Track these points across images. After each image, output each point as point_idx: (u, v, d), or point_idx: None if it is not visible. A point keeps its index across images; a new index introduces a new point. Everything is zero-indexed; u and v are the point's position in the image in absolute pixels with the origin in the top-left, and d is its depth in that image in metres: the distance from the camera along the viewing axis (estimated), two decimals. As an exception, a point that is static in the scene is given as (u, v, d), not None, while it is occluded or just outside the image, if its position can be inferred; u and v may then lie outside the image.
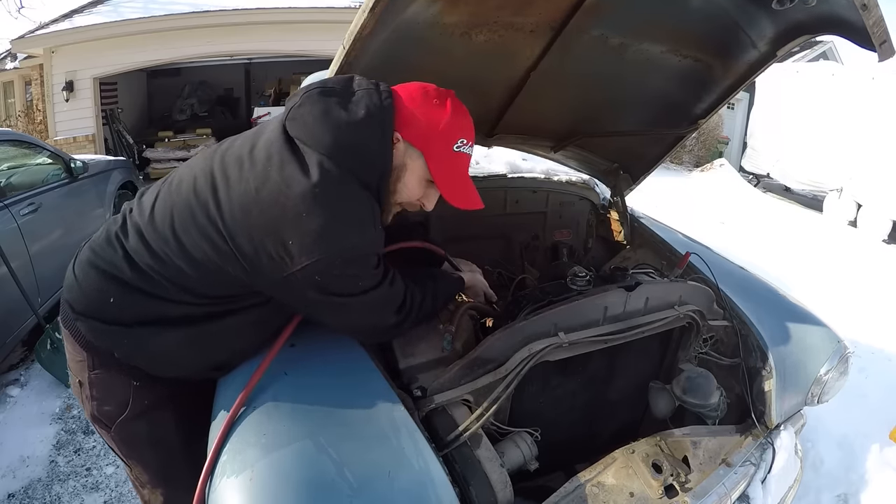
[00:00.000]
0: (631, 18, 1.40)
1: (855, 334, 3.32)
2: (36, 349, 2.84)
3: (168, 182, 1.07)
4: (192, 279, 1.00)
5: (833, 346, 1.52)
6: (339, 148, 0.94)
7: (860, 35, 1.12)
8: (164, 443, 1.16)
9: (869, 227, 6.92)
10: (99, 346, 1.05)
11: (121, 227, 1.06)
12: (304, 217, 0.90)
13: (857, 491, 2.11)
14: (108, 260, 1.02)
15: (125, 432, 1.13)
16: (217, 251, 0.96)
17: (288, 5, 7.74)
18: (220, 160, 1.01)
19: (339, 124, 0.95)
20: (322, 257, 0.91)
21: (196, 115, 10.04)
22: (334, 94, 0.99)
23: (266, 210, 0.91)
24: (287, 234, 0.91)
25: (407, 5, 1.09)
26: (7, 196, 2.88)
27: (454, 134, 1.05)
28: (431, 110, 1.04)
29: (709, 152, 11.13)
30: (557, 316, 1.23)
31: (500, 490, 1.05)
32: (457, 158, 1.08)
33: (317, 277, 0.94)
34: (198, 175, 1.01)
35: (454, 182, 1.09)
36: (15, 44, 7.20)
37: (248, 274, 0.97)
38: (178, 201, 1.00)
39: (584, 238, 2.32)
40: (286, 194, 0.90)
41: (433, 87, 1.07)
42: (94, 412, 1.12)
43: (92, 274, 1.03)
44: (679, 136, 1.85)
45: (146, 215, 1.02)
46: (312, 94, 0.99)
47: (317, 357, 1.14)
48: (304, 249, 0.91)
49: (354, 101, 0.99)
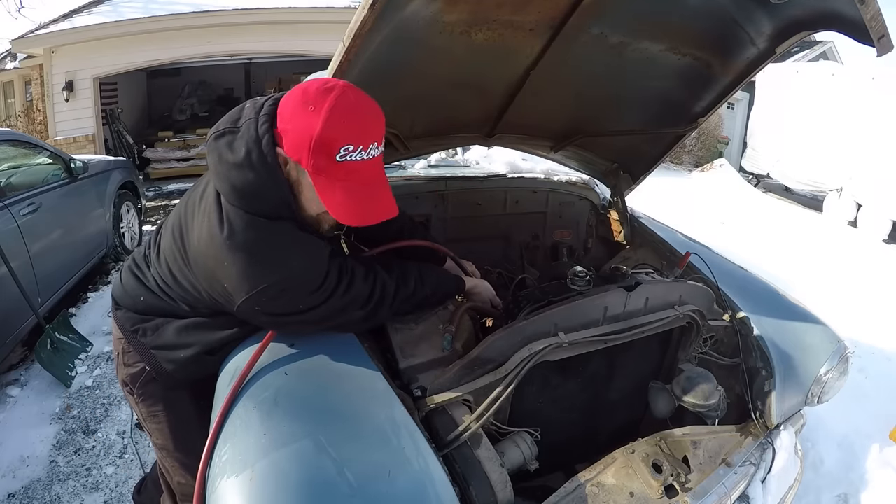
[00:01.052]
0: (630, 17, 1.39)
1: (855, 334, 3.32)
2: (36, 349, 2.85)
3: (165, 223, 1.21)
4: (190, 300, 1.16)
5: (833, 346, 1.52)
6: (236, 192, 0.99)
7: (858, 30, 1.12)
8: (178, 404, 1.29)
9: (869, 227, 6.92)
10: (126, 326, 1.25)
11: (146, 254, 1.25)
12: (225, 264, 0.99)
13: (857, 491, 2.10)
14: (142, 274, 1.24)
15: (145, 391, 1.28)
16: (195, 289, 1.11)
17: (288, 5, 7.74)
18: (183, 207, 1.14)
19: (229, 168, 0.99)
20: (252, 294, 1.00)
21: (196, 115, 10.04)
22: (224, 135, 1.01)
23: (205, 260, 1.03)
24: (222, 279, 1.02)
25: (407, 3, 1.09)
26: (7, 196, 2.88)
27: (334, 142, 0.93)
28: (304, 118, 0.93)
29: (709, 152, 11.13)
30: (557, 316, 1.23)
31: (500, 490, 1.05)
32: (346, 169, 0.96)
33: (257, 308, 1.03)
34: (173, 223, 1.14)
35: (342, 199, 0.98)
36: (15, 44, 7.20)
37: (216, 305, 1.10)
38: (166, 247, 1.14)
39: (584, 238, 2.32)
40: (210, 245, 1.01)
41: (315, 87, 0.95)
42: (125, 377, 1.28)
43: (132, 281, 1.25)
44: (679, 135, 1.85)
45: (154, 253, 1.21)
46: (210, 141, 1.03)
47: (317, 357, 1.14)
48: (236, 289, 1.01)
49: (238, 138, 0.99)
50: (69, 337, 3.11)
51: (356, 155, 0.95)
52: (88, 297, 3.87)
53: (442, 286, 1.34)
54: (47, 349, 2.89)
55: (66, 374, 2.84)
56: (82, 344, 3.11)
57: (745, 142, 10.08)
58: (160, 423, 1.30)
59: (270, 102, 1.01)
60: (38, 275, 2.98)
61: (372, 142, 0.97)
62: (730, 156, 10.90)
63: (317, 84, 0.96)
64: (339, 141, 0.94)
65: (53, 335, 2.99)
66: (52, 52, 7.27)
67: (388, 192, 1.05)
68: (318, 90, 0.94)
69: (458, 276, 1.40)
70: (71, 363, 2.94)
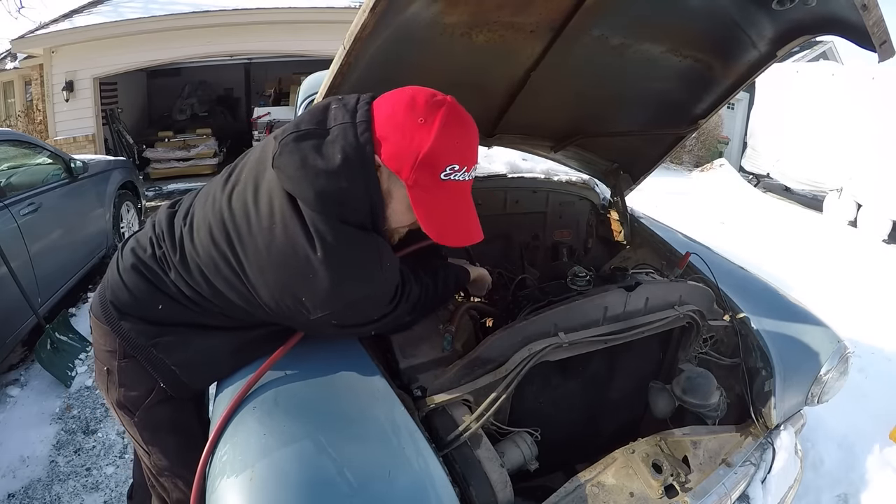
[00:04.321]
0: (631, 19, 1.39)
1: (855, 334, 3.32)
2: (36, 349, 2.85)
3: (188, 224, 1.05)
4: (229, 310, 1.06)
5: (833, 346, 1.52)
6: (325, 201, 0.90)
7: (860, 35, 1.12)
8: (184, 428, 1.19)
9: (869, 227, 6.92)
10: (139, 342, 1.08)
11: (158, 253, 1.08)
12: (311, 279, 0.92)
13: (857, 491, 2.11)
14: (157, 278, 1.07)
15: (148, 417, 1.16)
16: (245, 300, 1.01)
17: (288, 5, 7.74)
18: (227, 208, 0.99)
19: (317, 174, 0.90)
20: (336, 310, 0.96)
21: (196, 115, 10.04)
22: (309, 137, 0.92)
23: (278, 271, 0.94)
24: (300, 292, 0.94)
25: (407, 5, 1.09)
26: (7, 196, 2.88)
27: (441, 160, 0.91)
28: (414, 132, 0.90)
29: (709, 152, 11.13)
30: (557, 316, 1.23)
31: (500, 490, 1.05)
32: (446, 188, 0.94)
33: (333, 321, 1.00)
34: (212, 224, 1.00)
35: (441, 217, 0.96)
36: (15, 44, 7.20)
37: (272, 317, 1.03)
38: (201, 251, 1.01)
39: (584, 238, 2.32)
40: (293, 257, 0.92)
41: (424, 98, 0.92)
42: (121, 398, 1.15)
43: (142, 284, 1.07)
44: (679, 137, 1.85)
45: (177, 257, 1.04)
46: (288, 141, 0.93)
47: (317, 357, 1.14)
48: (317, 305, 0.95)
49: (330, 143, 0.91)
50: (69, 337, 3.11)
51: (459, 175, 0.94)
52: (88, 297, 3.87)
53: (458, 279, 1.35)
54: (47, 349, 2.89)
55: (66, 374, 2.84)
56: (82, 344, 3.11)
57: (745, 142, 10.08)
58: (164, 445, 1.20)
59: (364, 106, 0.95)
60: (38, 275, 2.97)
61: (474, 163, 0.97)
62: (730, 156, 10.90)
63: (424, 95, 0.93)
64: (447, 159, 0.92)
65: (53, 335, 2.99)
66: (52, 52, 7.26)
67: (475, 214, 1.02)
68: (427, 102, 0.92)
69: (462, 266, 1.40)
70: (71, 363, 2.94)
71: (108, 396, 1.18)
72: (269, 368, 1.07)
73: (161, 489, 1.29)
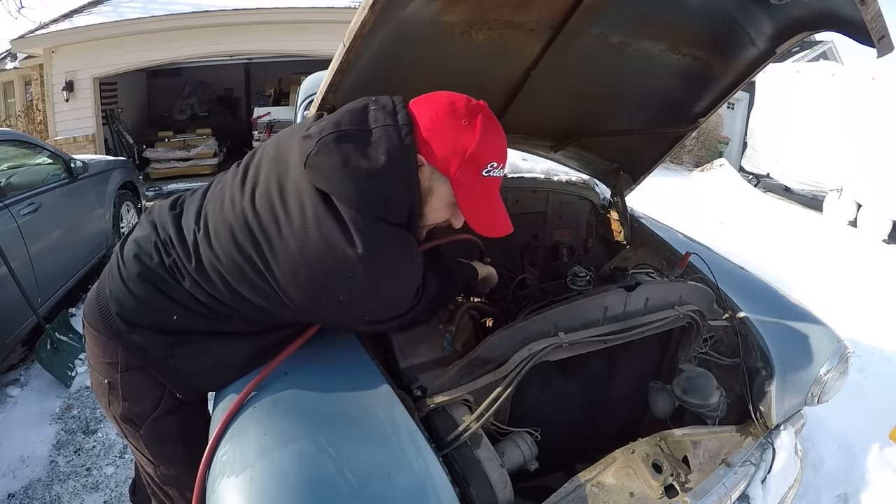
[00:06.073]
0: (630, 17, 1.39)
1: (855, 334, 3.32)
2: (36, 349, 2.85)
3: (203, 229, 1.02)
4: (250, 315, 1.04)
5: (833, 346, 1.52)
6: (367, 201, 0.92)
7: (858, 31, 1.12)
8: (193, 435, 1.13)
9: (869, 227, 6.92)
10: (154, 353, 1.04)
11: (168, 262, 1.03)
12: (350, 276, 0.92)
13: (857, 491, 2.10)
14: (171, 287, 1.03)
15: (156, 429, 1.13)
16: (272, 302, 1.00)
17: (288, 5, 7.73)
18: (251, 210, 0.97)
19: (360, 175, 0.91)
20: (371, 306, 1.00)
21: (196, 115, 10.03)
22: (350, 139, 0.93)
23: (313, 271, 0.93)
24: (338, 291, 0.95)
25: (407, 2, 1.09)
26: (7, 196, 2.88)
27: (484, 158, 0.98)
28: (459, 133, 0.96)
29: (709, 152, 11.13)
30: (557, 316, 1.23)
31: (500, 490, 1.05)
32: (486, 184, 1.01)
33: (367, 317, 1.03)
34: (235, 227, 0.98)
35: (482, 210, 1.03)
36: (15, 44, 7.19)
37: (300, 317, 1.06)
38: (223, 256, 0.98)
39: (584, 238, 2.32)
40: (330, 257, 0.92)
41: (462, 103, 0.99)
42: (125, 412, 1.10)
43: (153, 294, 1.03)
44: (679, 136, 1.85)
45: (192, 264, 1.01)
46: (328, 141, 0.92)
47: (317, 357, 1.14)
48: (356, 302, 0.97)
49: (374, 144, 0.93)
50: (69, 337, 3.11)
51: (497, 172, 1.02)
52: (88, 297, 3.87)
53: (468, 276, 1.36)
54: (47, 349, 2.89)
55: (66, 374, 2.84)
56: (82, 344, 3.10)
57: (745, 142, 10.08)
58: (173, 456, 1.16)
59: (403, 109, 0.98)
60: (38, 275, 2.97)
61: (505, 160, 1.05)
62: (730, 156, 10.90)
63: (462, 100, 1.00)
64: (489, 157, 0.99)
65: (53, 335, 2.99)
66: (52, 52, 7.26)
67: (504, 208, 1.09)
68: (466, 106, 0.98)
69: (470, 265, 1.39)
70: (71, 363, 2.93)
71: (108, 410, 1.13)
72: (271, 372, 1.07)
73: (165, 497, 1.25)
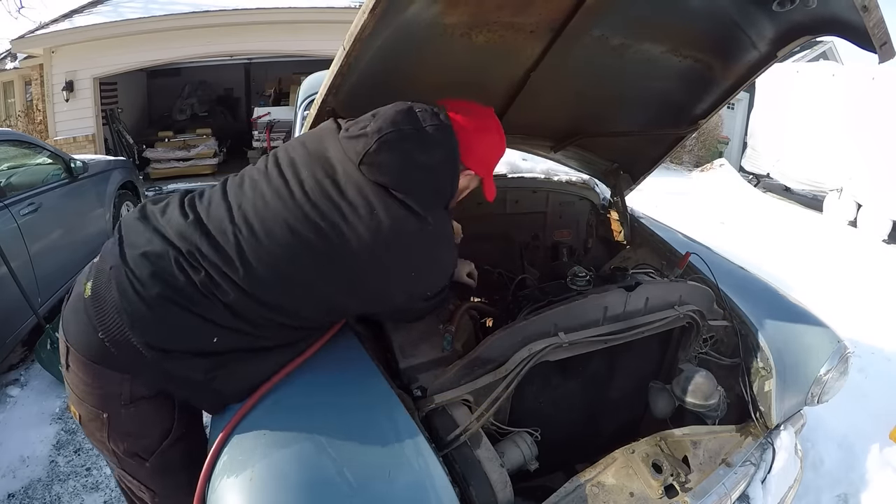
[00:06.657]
0: (631, 19, 1.39)
1: (855, 334, 3.32)
2: (36, 349, 2.84)
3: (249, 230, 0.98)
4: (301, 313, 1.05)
5: (833, 346, 1.52)
6: (427, 190, 1.06)
7: (861, 36, 1.12)
8: (196, 460, 1.03)
9: (869, 227, 6.91)
10: (194, 378, 0.99)
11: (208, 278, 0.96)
12: (429, 250, 1.08)
13: (857, 491, 2.11)
14: (207, 308, 0.96)
15: (163, 460, 1.07)
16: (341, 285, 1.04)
17: (288, 5, 7.73)
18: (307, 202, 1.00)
19: (418, 168, 1.04)
20: (433, 280, 1.15)
21: (196, 115, 10.02)
22: (410, 136, 1.04)
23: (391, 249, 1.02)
24: (411, 266, 1.07)
25: (407, 6, 1.09)
26: (7, 196, 2.88)
27: (497, 152, 1.21)
28: (487, 137, 1.16)
29: (709, 152, 11.13)
30: (557, 316, 1.23)
31: (500, 490, 1.05)
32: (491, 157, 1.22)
33: (428, 292, 1.16)
34: (289, 218, 0.98)
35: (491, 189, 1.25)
36: (15, 44, 7.19)
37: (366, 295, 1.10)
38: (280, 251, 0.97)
39: (584, 238, 2.32)
40: (403, 234, 1.02)
41: (478, 108, 1.17)
42: (130, 447, 1.04)
43: (186, 318, 0.95)
44: (679, 137, 1.85)
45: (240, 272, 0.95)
46: (389, 139, 1.02)
47: (317, 357, 1.14)
48: (427, 273, 1.11)
49: (433, 144, 1.06)
50: (69, 337, 3.10)
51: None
52: (89, 297, 3.87)
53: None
54: (47, 349, 2.88)
55: (67, 374, 2.84)
56: (82, 344, 3.11)
57: (745, 142, 10.07)
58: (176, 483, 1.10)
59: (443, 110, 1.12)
60: (38, 275, 2.97)
61: None
62: (730, 156, 10.90)
63: (478, 108, 1.18)
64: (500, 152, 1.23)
65: (53, 335, 2.98)
66: (52, 52, 7.25)
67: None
68: (482, 112, 1.17)
69: None
70: (71, 363, 2.93)
71: (105, 445, 1.04)
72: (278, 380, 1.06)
73: None
